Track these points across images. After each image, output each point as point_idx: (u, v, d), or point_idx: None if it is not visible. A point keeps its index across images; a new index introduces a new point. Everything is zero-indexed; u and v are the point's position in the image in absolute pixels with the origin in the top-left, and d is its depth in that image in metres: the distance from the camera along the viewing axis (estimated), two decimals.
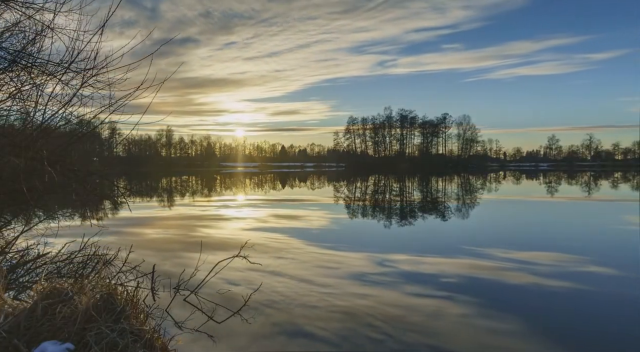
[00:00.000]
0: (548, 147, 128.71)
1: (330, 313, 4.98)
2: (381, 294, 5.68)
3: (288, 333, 4.40)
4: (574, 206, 18.18)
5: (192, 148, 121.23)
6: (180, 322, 4.40)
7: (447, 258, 7.76)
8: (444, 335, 4.37)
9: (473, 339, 4.28)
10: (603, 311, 5.14)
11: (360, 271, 6.84)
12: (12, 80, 4.98)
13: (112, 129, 12.52)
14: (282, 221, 13.10)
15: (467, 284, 6.13)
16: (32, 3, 4.68)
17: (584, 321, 4.84)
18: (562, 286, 6.06)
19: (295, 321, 4.74)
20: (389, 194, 25.79)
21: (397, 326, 4.60)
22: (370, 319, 4.78)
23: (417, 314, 4.95)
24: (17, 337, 2.50)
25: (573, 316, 4.96)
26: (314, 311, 5.07)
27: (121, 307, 2.70)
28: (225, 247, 8.60)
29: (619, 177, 47.82)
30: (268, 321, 4.70)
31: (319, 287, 6.00)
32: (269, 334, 4.35)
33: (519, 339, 4.29)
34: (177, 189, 32.25)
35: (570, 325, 4.70)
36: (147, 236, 10.20)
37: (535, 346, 4.13)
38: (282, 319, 4.79)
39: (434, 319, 4.81)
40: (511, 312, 5.02)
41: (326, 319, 4.78)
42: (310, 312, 5.03)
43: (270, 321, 4.72)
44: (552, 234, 10.74)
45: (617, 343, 4.24)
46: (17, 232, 5.88)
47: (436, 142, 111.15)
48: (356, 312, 5.01)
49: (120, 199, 8.96)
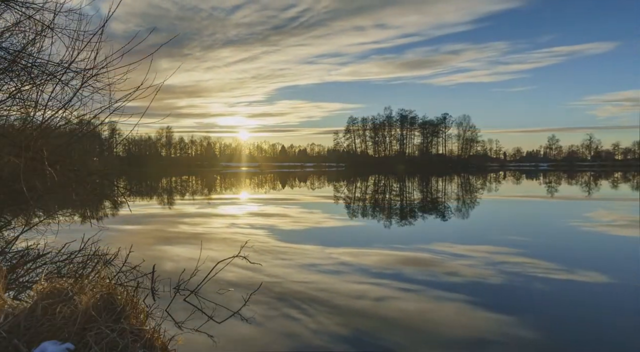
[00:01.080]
0: (548, 147, 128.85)
1: (330, 311, 4.99)
2: (381, 294, 5.69)
3: (288, 332, 4.40)
4: (573, 205, 18.20)
5: (192, 148, 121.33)
6: (180, 322, 4.40)
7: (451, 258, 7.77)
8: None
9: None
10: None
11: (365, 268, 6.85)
12: (12, 80, 4.99)
13: (112, 129, 12.51)
14: (282, 221, 13.10)
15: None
16: (32, 3, 4.69)
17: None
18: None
19: (296, 320, 4.74)
20: (388, 194, 25.80)
21: (400, 327, 4.59)
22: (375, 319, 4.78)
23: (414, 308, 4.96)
24: (17, 337, 2.50)
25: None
26: (314, 310, 5.07)
27: (121, 307, 2.71)
28: (226, 247, 8.60)
29: (619, 177, 47.83)
30: (268, 321, 4.70)
31: (319, 285, 6.00)
32: (269, 334, 4.35)
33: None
34: (177, 189, 32.25)
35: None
36: (147, 236, 10.20)
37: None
38: (283, 318, 4.79)
39: (434, 312, 4.82)
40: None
41: (326, 318, 4.78)
42: (310, 312, 5.03)
43: (271, 320, 4.72)
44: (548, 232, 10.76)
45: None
46: (17, 232, 5.89)
47: (436, 142, 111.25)
48: (356, 311, 5.01)
49: (120, 199, 8.95)
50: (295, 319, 4.74)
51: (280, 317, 4.79)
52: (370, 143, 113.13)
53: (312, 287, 5.93)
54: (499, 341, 4.23)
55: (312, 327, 4.52)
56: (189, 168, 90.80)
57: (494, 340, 4.24)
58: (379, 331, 4.45)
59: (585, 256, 8.17)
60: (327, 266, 7.20)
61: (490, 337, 4.31)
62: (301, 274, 6.66)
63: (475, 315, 4.92)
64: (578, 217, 13.88)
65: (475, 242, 9.43)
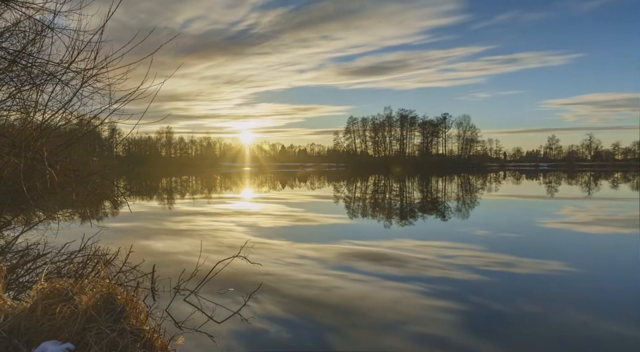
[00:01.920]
0: (548, 147, 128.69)
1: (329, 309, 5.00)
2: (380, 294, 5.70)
3: (288, 332, 4.41)
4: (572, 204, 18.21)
5: (192, 148, 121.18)
6: (180, 322, 4.40)
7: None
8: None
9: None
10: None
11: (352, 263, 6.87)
12: (12, 80, 4.99)
13: (112, 129, 12.53)
14: (283, 220, 13.11)
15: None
16: (32, 3, 4.68)
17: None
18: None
19: (296, 319, 4.75)
20: (388, 193, 25.80)
21: (395, 321, 4.61)
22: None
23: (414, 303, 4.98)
24: (17, 337, 2.50)
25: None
26: (313, 309, 5.08)
27: (121, 307, 2.71)
28: (226, 247, 8.60)
29: (619, 177, 47.82)
30: (269, 320, 4.71)
31: (319, 284, 6.01)
32: (269, 333, 4.36)
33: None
34: (177, 189, 32.25)
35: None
36: (147, 236, 10.20)
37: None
38: (283, 318, 4.79)
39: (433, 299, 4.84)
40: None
41: (326, 316, 4.79)
42: (310, 310, 5.04)
43: (271, 319, 4.72)
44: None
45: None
46: (17, 232, 5.88)
47: (436, 142, 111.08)
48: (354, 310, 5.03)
49: (120, 199, 8.95)
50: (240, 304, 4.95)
51: (280, 317, 4.81)
52: (370, 143, 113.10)
53: (313, 285, 5.96)
54: (421, 319, 4.83)
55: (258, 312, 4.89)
56: (189, 168, 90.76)
57: (416, 319, 4.81)
58: (317, 315, 4.94)
59: (537, 248, 8.81)
60: (289, 259, 7.67)
61: (415, 318, 4.85)
62: (301, 272, 6.67)
63: (411, 300, 5.47)
64: (540, 215, 13.90)
65: (437, 238, 9.67)
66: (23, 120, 5.34)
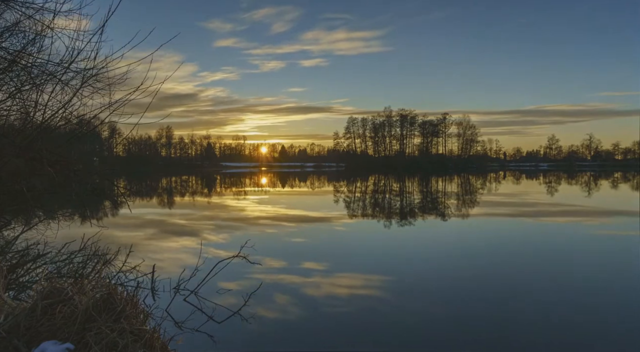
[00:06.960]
0: (548, 147, 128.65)
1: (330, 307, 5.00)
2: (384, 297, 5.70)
3: (288, 331, 4.40)
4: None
5: (192, 148, 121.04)
6: (180, 322, 4.40)
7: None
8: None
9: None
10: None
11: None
12: (12, 80, 4.98)
13: (112, 129, 12.53)
14: (283, 220, 13.10)
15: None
16: (32, 3, 4.68)
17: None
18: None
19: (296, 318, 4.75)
20: (388, 194, 25.80)
21: (394, 318, 4.61)
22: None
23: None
24: (17, 337, 2.50)
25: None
26: (313, 309, 5.08)
27: (121, 307, 2.70)
28: (226, 247, 8.59)
29: (618, 177, 47.81)
30: (268, 320, 4.70)
31: (319, 284, 6.01)
32: (268, 333, 4.36)
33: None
34: (177, 189, 32.24)
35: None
36: (147, 236, 10.20)
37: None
38: (283, 318, 4.79)
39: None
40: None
41: (326, 314, 4.79)
42: (309, 310, 5.03)
43: (271, 319, 4.72)
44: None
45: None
46: (17, 232, 5.88)
47: (436, 142, 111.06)
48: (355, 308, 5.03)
49: (120, 199, 8.95)
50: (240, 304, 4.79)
51: (281, 317, 4.80)
52: (370, 143, 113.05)
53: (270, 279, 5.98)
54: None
55: (310, 326, 4.59)
56: (188, 168, 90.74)
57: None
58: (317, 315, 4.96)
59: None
60: (289, 259, 7.55)
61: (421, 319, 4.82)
62: (301, 271, 6.67)
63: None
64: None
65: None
66: (23, 120, 5.33)
